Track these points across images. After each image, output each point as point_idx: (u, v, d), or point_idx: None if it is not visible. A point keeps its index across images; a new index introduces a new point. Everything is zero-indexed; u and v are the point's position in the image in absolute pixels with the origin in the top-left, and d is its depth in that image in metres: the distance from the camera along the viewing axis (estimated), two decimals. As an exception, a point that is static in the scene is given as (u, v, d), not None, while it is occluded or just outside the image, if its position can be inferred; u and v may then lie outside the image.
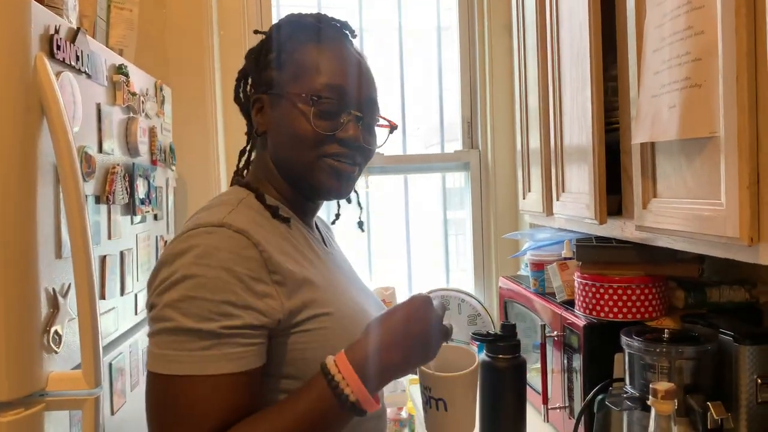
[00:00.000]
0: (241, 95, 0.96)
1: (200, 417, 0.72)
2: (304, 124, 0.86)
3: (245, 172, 0.96)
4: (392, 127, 0.97)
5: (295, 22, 0.93)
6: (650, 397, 0.91)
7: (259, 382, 0.78)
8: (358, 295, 0.95)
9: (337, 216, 1.09)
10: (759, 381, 1.06)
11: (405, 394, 2.04)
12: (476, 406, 0.94)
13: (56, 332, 1.07)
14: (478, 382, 1.03)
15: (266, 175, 0.93)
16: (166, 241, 1.82)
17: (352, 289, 0.94)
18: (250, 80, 0.95)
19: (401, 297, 2.30)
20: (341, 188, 0.90)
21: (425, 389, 0.91)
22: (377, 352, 0.77)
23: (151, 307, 0.78)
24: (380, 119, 0.95)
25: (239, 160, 0.97)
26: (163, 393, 0.74)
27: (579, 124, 1.35)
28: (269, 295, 0.77)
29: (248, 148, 0.96)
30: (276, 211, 0.87)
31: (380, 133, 0.97)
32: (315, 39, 0.90)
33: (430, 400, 0.90)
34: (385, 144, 0.97)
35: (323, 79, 0.87)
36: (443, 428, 0.91)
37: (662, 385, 0.90)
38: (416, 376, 0.91)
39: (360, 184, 2.41)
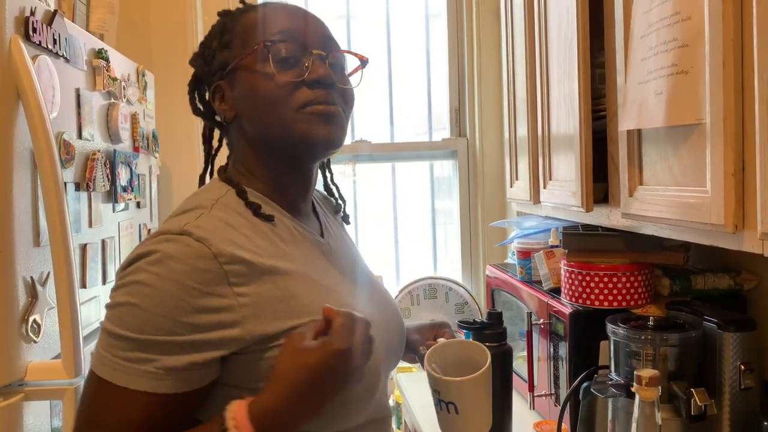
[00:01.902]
0: (199, 105, 0.90)
1: (103, 427, 0.69)
2: (268, 81, 0.80)
3: (227, 165, 0.89)
4: (363, 62, 0.88)
5: (225, 10, 0.90)
6: (635, 384, 0.91)
7: (188, 408, 0.72)
8: (351, 292, 0.86)
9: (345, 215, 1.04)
10: (742, 367, 1.07)
11: (392, 382, 2.04)
12: (490, 402, 0.88)
13: (35, 321, 1.05)
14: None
15: (248, 165, 0.85)
16: (149, 230, 1.80)
17: (344, 287, 0.85)
18: (203, 83, 0.89)
19: (388, 285, 2.29)
20: (331, 133, 0.81)
21: (434, 392, 0.86)
22: (272, 404, 0.69)
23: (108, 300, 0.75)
24: (347, 55, 0.87)
25: (207, 166, 0.92)
26: (86, 389, 0.72)
27: (566, 111, 1.34)
28: (226, 309, 0.70)
29: (218, 146, 0.92)
30: (257, 208, 0.80)
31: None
32: (251, 8, 0.87)
33: (440, 403, 0.85)
34: (361, 81, 0.89)
35: (271, 29, 0.82)
36: (452, 428, 0.86)
37: (646, 372, 0.90)
38: (406, 364, 0.87)
39: (347, 173, 2.41)
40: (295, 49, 0.81)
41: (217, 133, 0.92)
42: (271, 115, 0.81)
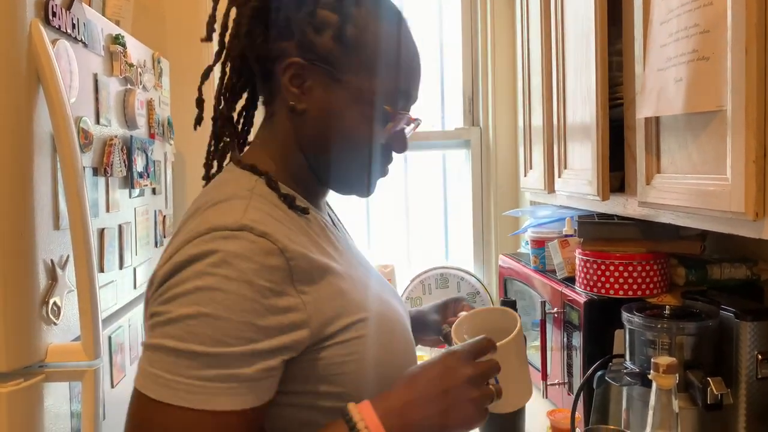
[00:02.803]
0: (259, 26, 0.75)
1: None
2: (366, 131, 0.75)
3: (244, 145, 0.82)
4: (418, 123, 0.86)
5: None
6: (651, 371, 0.91)
7: (261, 420, 0.67)
8: (377, 284, 0.84)
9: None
10: (759, 357, 1.06)
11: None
12: (527, 368, 0.85)
13: (55, 304, 1.07)
14: None
15: (281, 152, 0.78)
16: (165, 216, 1.82)
17: (372, 281, 0.82)
18: (275, 20, 0.75)
19: (400, 274, 2.30)
20: (373, 192, 0.82)
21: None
22: (406, 408, 0.68)
23: (152, 314, 0.65)
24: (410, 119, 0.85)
25: (229, 127, 0.79)
26: (149, 421, 0.62)
27: (583, 99, 1.33)
28: (294, 308, 0.65)
29: (243, 107, 0.81)
30: (293, 201, 0.73)
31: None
32: (383, 13, 0.76)
33: None
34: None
35: (403, 88, 0.77)
36: (497, 404, 0.84)
37: (664, 360, 0.89)
38: (420, 352, 0.85)
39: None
40: (405, 119, 0.80)
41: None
42: (343, 153, 0.77)
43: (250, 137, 0.85)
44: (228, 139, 0.81)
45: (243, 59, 0.77)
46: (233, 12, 0.78)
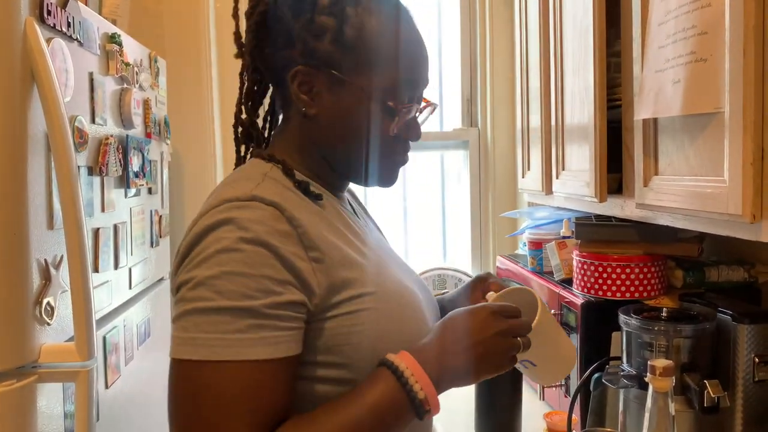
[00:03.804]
0: (265, 40, 0.79)
1: (242, 412, 0.63)
2: (379, 126, 0.78)
3: (265, 144, 0.86)
4: (434, 107, 0.88)
5: None
6: (648, 374, 0.90)
7: (296, 373, 0.71)
8: (399, 270, 0.87)
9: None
10: (756, 360, 1.06)
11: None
12: (561, 343, 0.88)
13: (48, 304, 1.06)
14: None
15: (297, 149, 0.82)
16: (161, 216, 1.81)
17: (392, 265, 0.85)
18: (279, 30, 0.78)
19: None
20: (395, 181, 0.85)
21: None
22: (442, 356, 0.72)
23: (178, 287, 0.69)
24: (425, 102, 0.87)
25: (250, 128, 0.84)
26: (191, 383, 0.64)
27: (581, 100, 1.33)
28: (305, 271, 0.69)
29: (266, 111, 0.86)
30: (307, 187, 0.77)
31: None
32: (379, 7, 0.77)
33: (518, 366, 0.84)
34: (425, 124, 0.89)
35: (407, 80, 0.78)
36: (539, 378, 0.90)
37: (661, 362, 0.89)
38: None
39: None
40: (413, 111, 0.81)
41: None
42: (359, 151, 0.80)
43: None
44: (253, 144, 0.86)
45: (256, 70, 0.82)
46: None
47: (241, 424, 0.63)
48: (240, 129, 0.85)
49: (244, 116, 0.84)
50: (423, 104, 0.86)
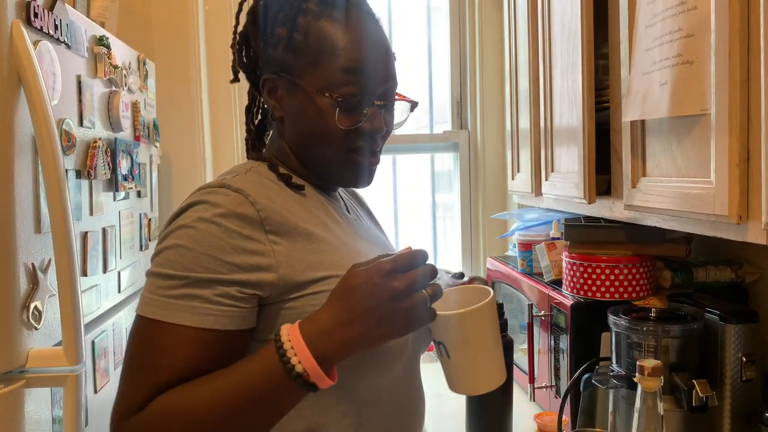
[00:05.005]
0: (245, 59, 0.90)
1: (154, 367, 0.71)
2: (327, 121, 0.81)
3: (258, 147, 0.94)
4: (413, 105, 0.91)
5: None
6: (637, 374, 0.91)
7: (236, 349, 0.74)
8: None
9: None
10: (744, 359, 1.07)
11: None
12: (494, 354, 0.81)
13: (36, 308, 1.05)
14: None
15: (280, 154, 0.89)
16: (150, 219, 1.80)
17: (373, 254, 0.83)
18: (252, 46, 0.88)
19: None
20: (367, 181, 0.88)
21: (428, 329, 0.80)
22: (333, 327, 0.70)
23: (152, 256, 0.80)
24: (399, 97, 0.89)
25: (249, 136, 0.94)
26: (133, 334, 0.75)
27: (569, 102, 1.34)
28: (262, 253, 0.75)
29: (257, 120, 0.94)
30: (288, 179, 0.85)
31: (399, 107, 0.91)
32: (328, 12, 0.82)
33: (436, 344, 0.80)
34: (405, 123, 0.92)
35: (345, 70, 0.81)
36: (449, 377, 0.81)
37: (649, 362, 0.90)
38: None
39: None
40: (362, 100, 0.82)
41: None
42: (319, 148, 0.85)
43: None
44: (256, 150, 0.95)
45: (251, 84, 0.92)
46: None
47: (144, 376, 0.72)
48: (248, 140, 0.95)
49: (250, 128, 0.94)
50: (397, 99, 0.89)
